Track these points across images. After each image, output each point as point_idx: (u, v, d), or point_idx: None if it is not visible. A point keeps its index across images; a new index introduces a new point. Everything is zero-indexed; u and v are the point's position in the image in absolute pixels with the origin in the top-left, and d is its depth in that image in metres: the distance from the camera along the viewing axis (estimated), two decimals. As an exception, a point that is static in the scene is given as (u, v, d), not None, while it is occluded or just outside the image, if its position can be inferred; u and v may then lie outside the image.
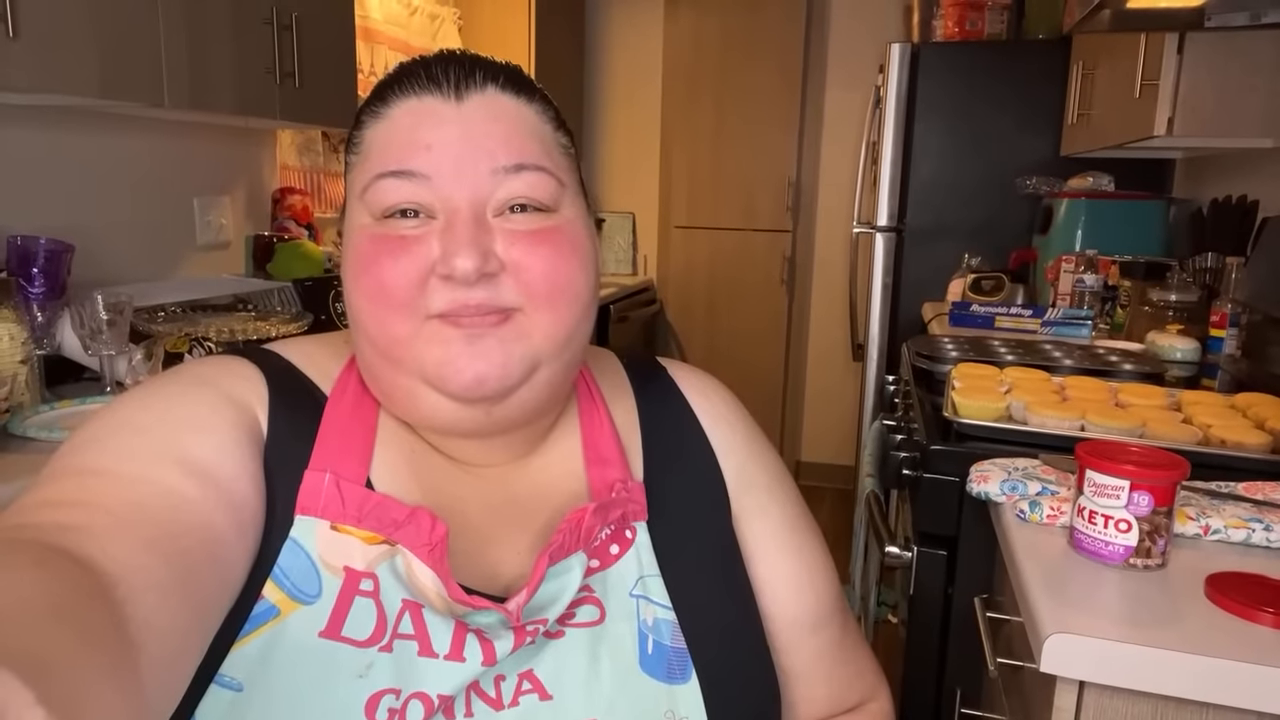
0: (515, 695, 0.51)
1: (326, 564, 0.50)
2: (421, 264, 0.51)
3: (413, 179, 0.52)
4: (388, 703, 0.47)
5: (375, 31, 2.72)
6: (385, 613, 0.49)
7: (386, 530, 0.51)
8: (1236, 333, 1.70)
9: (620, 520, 0.57)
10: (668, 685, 0.54)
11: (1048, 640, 0.66)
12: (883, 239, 2.81)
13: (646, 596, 0.56)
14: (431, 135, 0.52)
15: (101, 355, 1.40)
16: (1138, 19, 1.63)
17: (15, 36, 1.28)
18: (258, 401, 0.53)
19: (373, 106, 0.55)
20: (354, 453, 0.53)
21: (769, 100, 3.84)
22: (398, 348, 0.52)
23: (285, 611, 0.48)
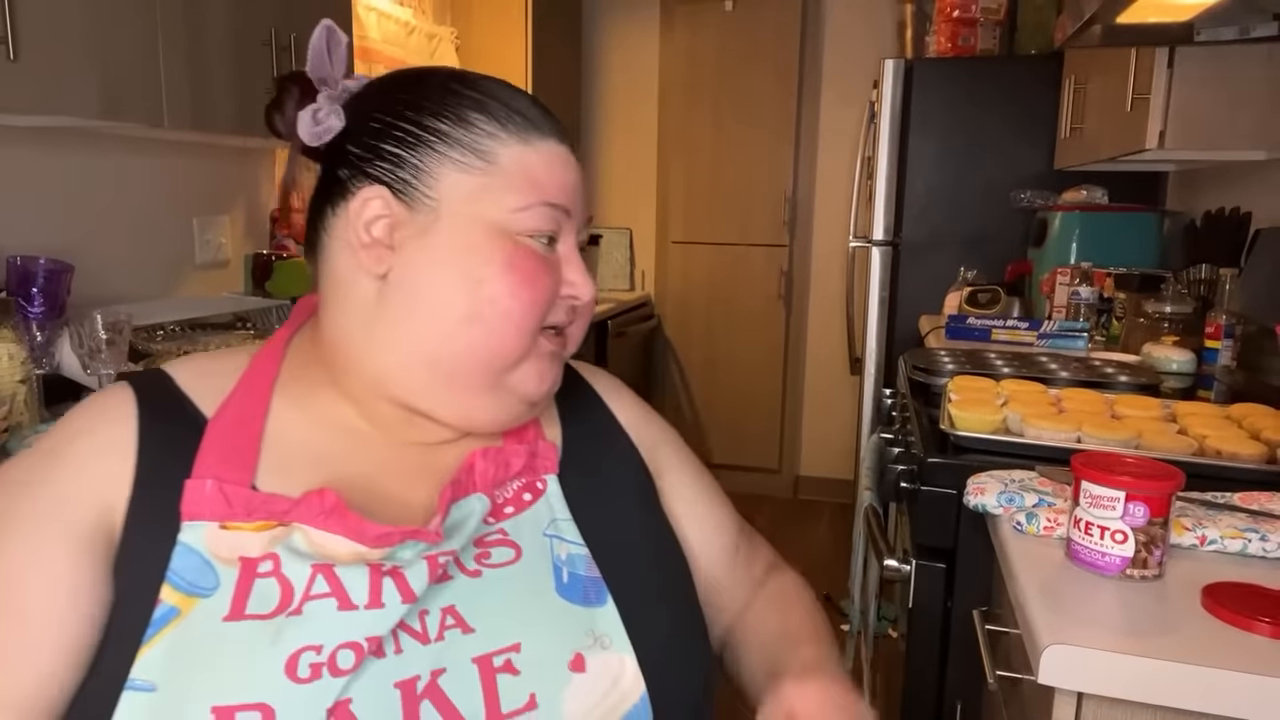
0: (440, 630, 0.55)
1: (220, 558, 0.53)
2: (558, 284, 0.62)
3: (560, 213, 0.62)
4: (309, 658, 0.50)
5: (373, 51, 2.74)
6: (292, 583, 0.53)
7: (276, 518, 0.55)
8: (1231, 344, 1.71)
9: (530, 473, 0.65)
10: (585, 608, 0.59)
11: (1045, 652, 0.66)
12: (879, 253, 2.82)
13: (559, 536, 0.62)
14: (570, 179, 0.63)
15: (101, 374, 1.40)
16: (1128, 34, 1.64)
17: (15, 58, 1.29)
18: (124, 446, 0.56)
19: (520, 132, 0.61)
20: (237, 460, 0.57)
21: (765, 115, 3.86)
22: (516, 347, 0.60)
23: (185, 609, 0.51)
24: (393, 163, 0.60)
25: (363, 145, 0.61)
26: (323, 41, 0.63)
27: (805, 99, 3.82)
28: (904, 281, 2.84)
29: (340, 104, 0.63)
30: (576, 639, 0.57)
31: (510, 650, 0.55)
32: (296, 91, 0.63)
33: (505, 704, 0.54)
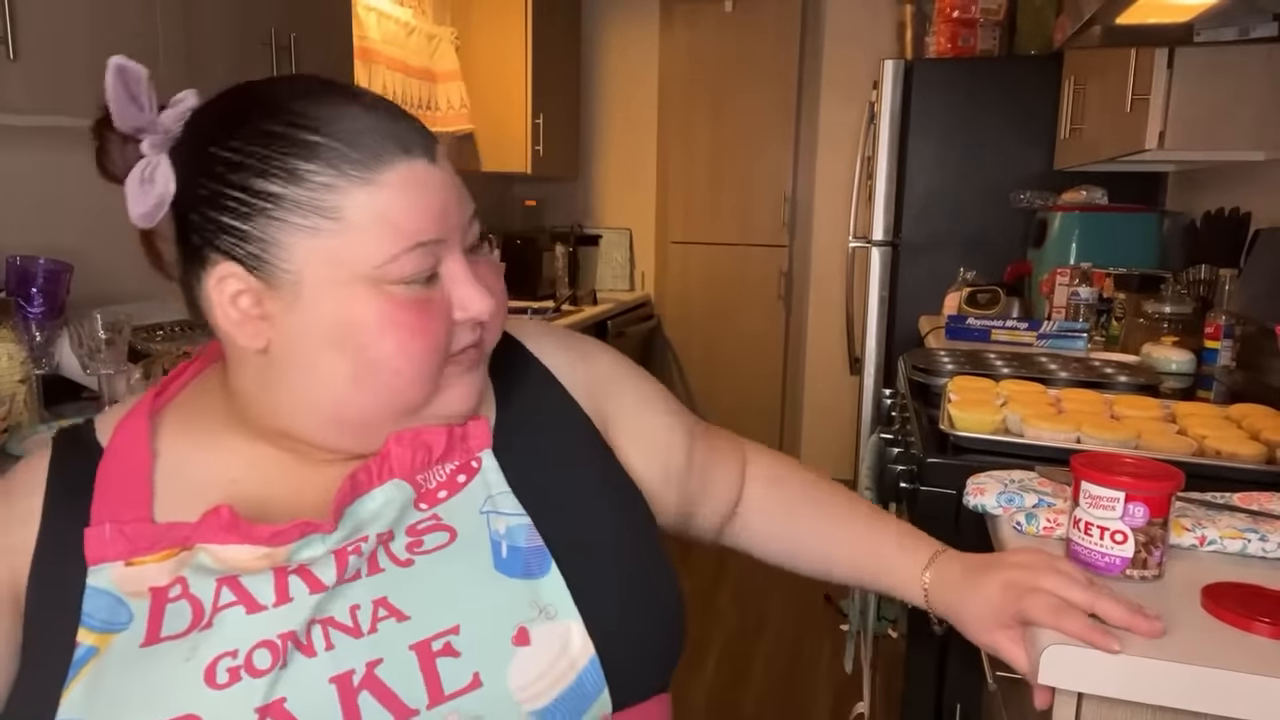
0: (373, 622, 0.54)
1: (129, 593, 0.54)
2: (448, 318, 0.58)
3: (433, 245, 0.56)
4: (226, 664, 0.51)
5: (373, 51, 2.74)
6: (200, 600, 0.54)
7: (180, 543, 0.55)
8: (1231, 344, 1.71)
9: (463, 454, 0.62)
10: (526, 580, 0.57)
11: (1045, 652, 0.66)
12: (879, 253, 2.83)
13: (496, 510, 0.60)
14: (436, 200, 0.57)
15: (100, 374, 1.40)
16: (1127, 35, 1.65)
17: (15, 58, 1.29)
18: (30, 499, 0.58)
19: (359, 167, 0.54)
20: (131, 499, 0.57)
21: (764, 116, 3.87)
22: (420, 394, 0.58)
23: (102, 647, 0.53)
24: (237, 236, 0.55)
25: (199, 214, 0.56)
26: (119, 87, 0.57)
27: (805, 99, 3.82)
28: (904, 282, 2.84)
29: (167, 151, 0.59)
30: (518, 612, 0.56)
31: (449, 633, 0.55)
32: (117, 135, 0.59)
33: (447, 686, 0.53)
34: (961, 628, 0.70)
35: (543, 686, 0.55)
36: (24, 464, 0.62)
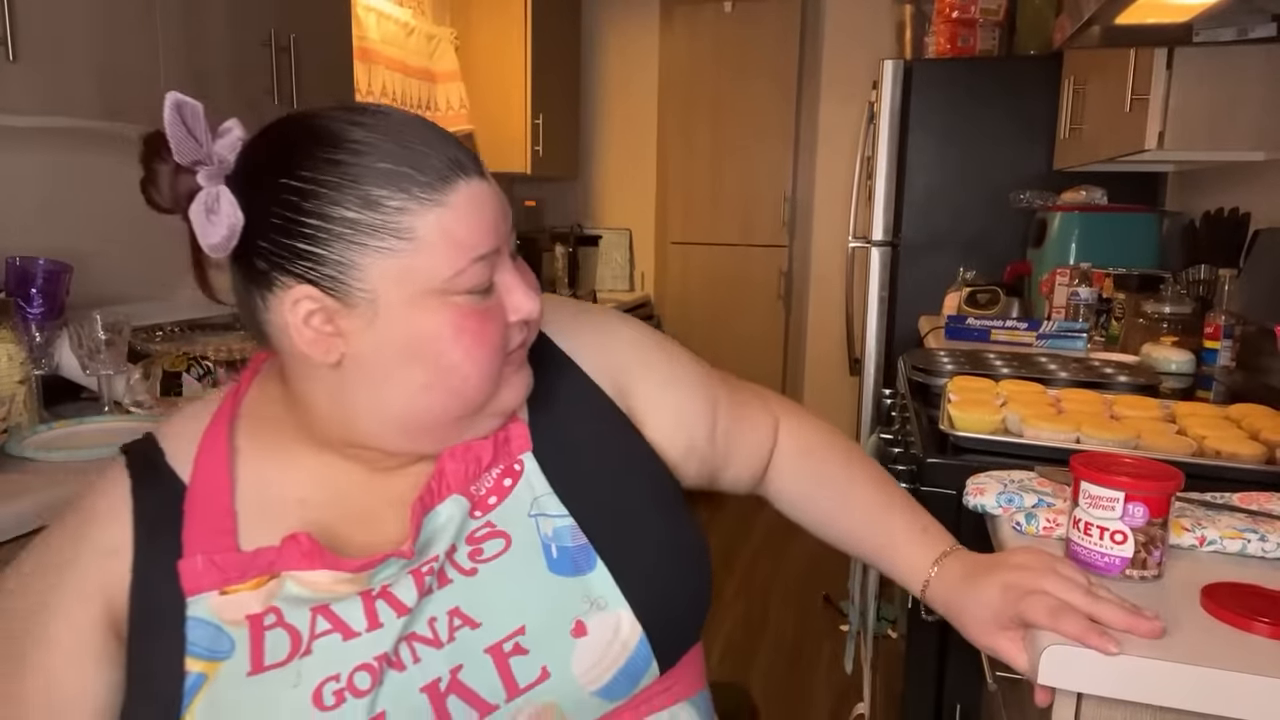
0: (450, 632, 0.59)
1: (228, 621, 0.58)
2: (505, 321, 0.62)
3: (491, 257, 0.61)
4: (331, 687, 0.56)
5: (373, 52, 2.74)
6: (298, 629, 0.58)
7: (266, 570, 0.59)
8: (1230, 344, 1.71)
9: (506, 457, 0.66)
10: (577, 578, 0.62)
11: (1045, 652, 0.66)
12: (878, 253, 2.83)
13: (543, 513, 0.64)
14: (489, 215, 0.60)
15: (100, 375, 1.40)
16: (1127, 35, 1.65)
17: (15, 59, 1.29)
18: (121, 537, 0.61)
19: (429, 192, 0.57)
20: (218, 528, 0.61)
21: (764, 116, 3.87)
22: (485, 394, 0.62)
23: (211, 674, 0.57)
24: (312, 260, 0.57)
25: (270, 240, 0.58)
26: (177, 122, 0.57)
27: (804, 100, 3.82)
28: (903, 282, 2.84)
29: (223, 181, 0.59)
30: (574, 607, 0.61)
31: (517, 634, 0.60)
32: (170, 163, 0.59)
33: (521, 680, 0.59)
34: (962, 629, 0.71)
35: (601, 669, 0.61)
36: (99, 494, 0.63)
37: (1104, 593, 0.68)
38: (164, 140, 0.58)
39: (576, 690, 0.61)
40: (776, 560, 3.15)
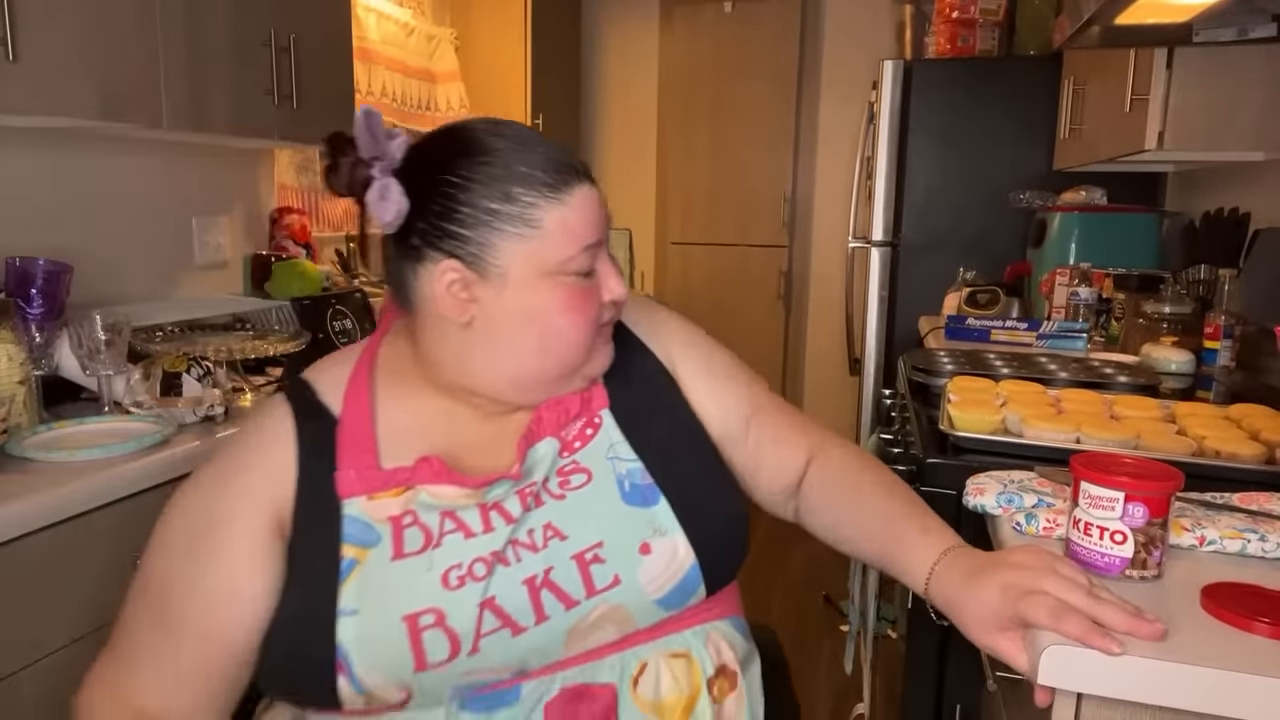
0: (545, 540, 0.75)
1: (375, 519, 0.73)
2: (600, 299, 0.79)
3: (595, 247, 0.78)
4: (455, 573, 0.72)
5: (373, 52, 2.74)
6: (429, 527, 0.73)
7: (404, 483, 0.75)
8: (1230, 344, 1.71)
9: (588, 412, 0.82)
10: (644, 509, 0.78)
11: (1045, 652, 0.66)
12: (878, 253, 2.83)
13: (617, 457, 0.80)
14: (594, 214, 0.78)
15: (100, 375, 1.40)
16: (1127, 35, 1.65)
17: (15, 59, 1.29)
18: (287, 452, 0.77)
19: (554, 193, 0.75)
20: (363, 450, 0.77)
21: (764, 116, 3.87)
22: (581, 358, 0.79)
23: (362, 558, 0.72)
24: (460, 240, 0.74)
25: (428, 223, 0.75)
26: (364, 127, 0.75)
27: (804, 100, 3.82)
28: (903, 282, 2.85)
29: (392, 173, 0.75)
30: (641, 532, 0.77)
31: (596, 547, 0.75)
32: (346, 158, 0.76)
33: (598, 584, 0.74)
34: (962, 628, 0.73)
35: (661, 582, 0.76)
36: (265, 426, 0.79)
37: (1104, 593, 0.68)
38: (344, 139, 0.76)
39: (641, 597, 0.75)
40: (777, 560, 3.15)
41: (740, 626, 0.84)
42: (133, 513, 1.23)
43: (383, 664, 0.69)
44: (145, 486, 1.24)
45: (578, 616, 0.73)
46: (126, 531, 1.22)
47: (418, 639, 0.70)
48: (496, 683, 0.73)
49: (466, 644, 0.70)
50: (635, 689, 0.75)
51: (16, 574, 1.07)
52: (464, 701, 0.72)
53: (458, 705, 0.72)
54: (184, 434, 1.35)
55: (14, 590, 1.07)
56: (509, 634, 0.72)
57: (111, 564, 1.20)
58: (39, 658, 1.10)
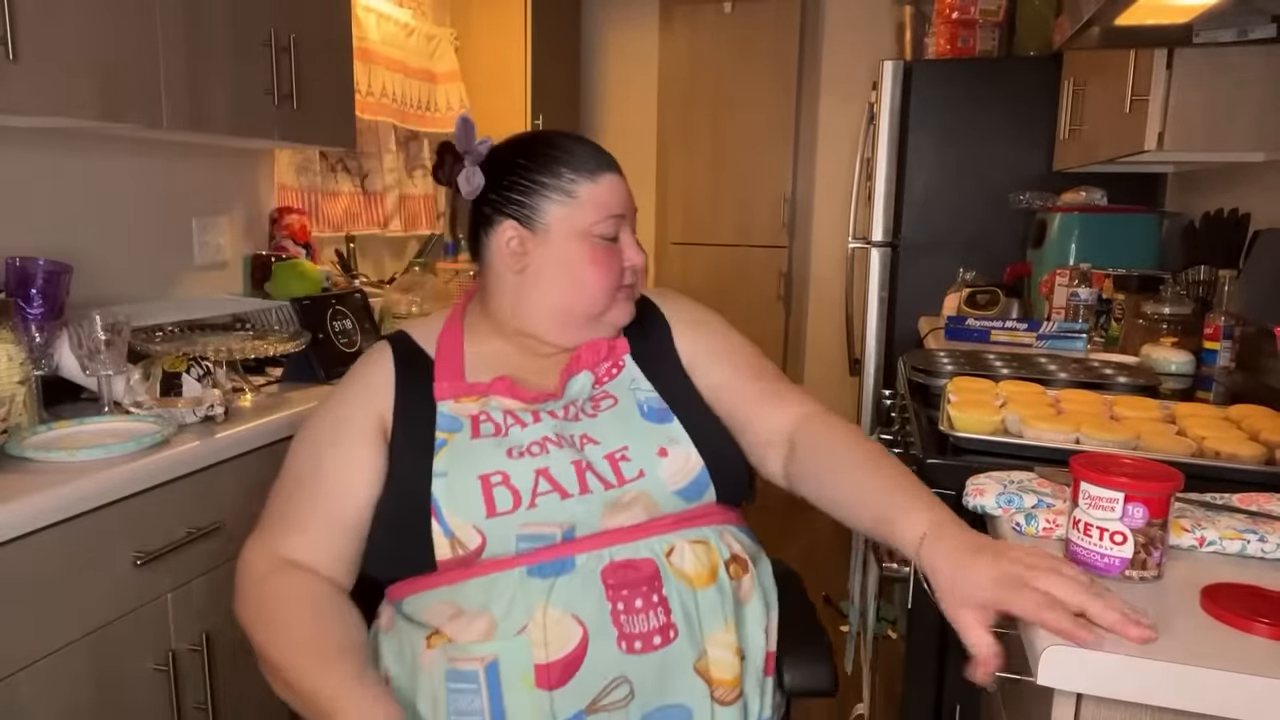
0: (581, 444, 0.96)
1: (459, 415, 0.98)
2: (621, 262, 1.04)
3: (618, 218, 1.04)
4: (517, 449, 0.95)
5: (373, 52, 2.74)
6: (498, 421, 0.97)
7: (481, 394, 1.00)
8: (1230, 345, 1.71)
9: (614, 355, 1.05)
10: (660, 425, 0.99)
11: (1044, 653, 0.66)
12: (878, 254, 2.83)
13: (638, 388, 1.03)
14: (621, 196, 1.05)
15: (99, 375, 1.40)
16: (1126, 36, 1.65)
17: (15, 59, 1.29)
18: (387, 376, 1.03)
19: (589, 174, 1.02)
20: (454, 371, 1.03)
21: (764, 117, 3.87)
22: (601, 308, 1.03)
23: (450, 439, 0.96)
24: (518, 205, 1.02)
25: (498, 194, 1.03)
26: (463, 130, 1.05)
27: (804, 100, 3.82)
28: (903, 283, 2.85)
29: (478, 164, 1.04)
30: (659, 440, 0.97)
31: (622, 449, 0.96)
32: (450, 156, 1.05)
33: (627, 475, 0.95)
34: (940, 593, 0.76)
35: (679, 478, 0.96)
36: (372, 359, 1.05)
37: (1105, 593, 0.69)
38: (449, 145, 1.05)
39: (663, 487, 0.95)
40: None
41: (750, 534, 1.03)
42: (133, 513, 1.23)
43: (464, 510, 0.91)
44: (145, 486, 1.24)
45: (614, 495, 0.93)
46: (126, 531, 1.22)
47: (489, 492, 0.91)
48: (552, 547, 0.91)
49: (525, 499, 0.91)
50: (669, 561, 0.92)
51: (17, 574, 1.07)
52: (531, 569, 0.89)
53: (527, 571, 0.89)
54: (184, 434, 1.35)
55: (14, 590, 1.07)
56: (558, 497, 0.92)
57: (111, 564, 1.20)
58: (39, 658, 1.10)
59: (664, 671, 0.88)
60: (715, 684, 0.90)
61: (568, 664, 0.86)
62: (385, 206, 2.93)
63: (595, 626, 0.87)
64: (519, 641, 0.86)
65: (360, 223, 2.83)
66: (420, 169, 3.15)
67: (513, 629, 0.87)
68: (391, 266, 3.04)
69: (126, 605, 1.23)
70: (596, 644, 0.87)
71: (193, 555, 1.34)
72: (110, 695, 1.21)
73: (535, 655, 0.86)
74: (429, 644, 0.90)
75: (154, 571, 1.27)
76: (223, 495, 1.39)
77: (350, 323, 1.94)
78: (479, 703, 0.86)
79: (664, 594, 0.89)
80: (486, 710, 0.86)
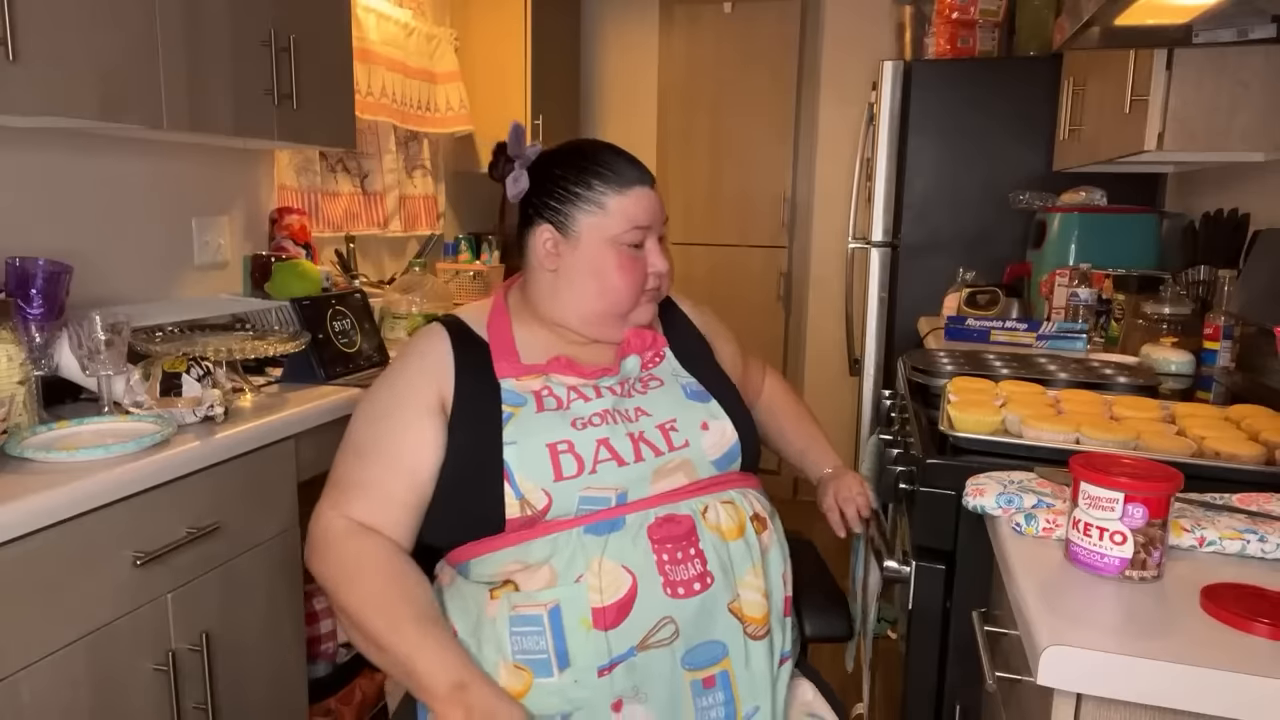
0: (636, 415, 1.08)
1: (522, 391, 1.07)
2: (646, 269, 1.14)
3: (644, 229, 1.13)
4: (579, 420, 1.05)
5: (372, 53, 2.74)
6: (559, 396, 1.07)
7: (540, 372, 1.09)
8: (1230, 345, 1.71)
9: (656, 346, 1.17)
10: (702, 404, 1.12)
11: (1044, 653, 0.67)
12: (878, 254, 2.83)
13: (679, 374, 1.16)
14: (648, 207, 1.14)
15: (99, 375, 1.40)
16: (1126, 36, 1.65)
17: (15, 60, 1.29)
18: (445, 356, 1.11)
19: (618, 186, 1.12)
20: (509, 352, 1.12)
21: (764, 117, 3.87)
22: (625, 311, 1.14)
23: (516, 412, 1.05)
24: (553, 211, 1.13)
25: (539, 199, 1.14)
26: (515, 136, 1.15)
27: (804, 100, 3.82)
28: (903, 283, 2.85)
29: (526, 168, 1.15)
30: (701, 415, 1.10)
31: (670, 421, 1.08)
32: (503, 157, 1.16)
33: (675, 444, 1.07)
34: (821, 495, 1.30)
35: (717, 449, 1.10)
36: (430, 337, 1.13)
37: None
38: (503, 145, 1.15)
39: (703, 456, 1.08)
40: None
41: (766, 496, 1.17)
42: (133, 513, 1.23)
43: (534, 475, 1.00)
44: (145, 486, 1.24)
45: (661, 462, 1.05)
46: (126, 531, 1.22)
47: (556, 458, 1.01)
48: (606, 510, 1.01)
49: (588, 465, 1.02)
50: (704, 518, 1.04)
51: (16, 574, 1.07)
52: (587, 528, 1.00)
53: (582, 530, 1.00)
54: (184, 434, 1.35)
55: (14, 590, 1.07)
56: (615, 465, 1.03)
57: (111, 564, 1.20)
58: (39, 658, 1.10)
59: (703, 612, 1.00)
60: (747, 621, 1.03)
61: (620, 607, 0.97)
62: (385, 207, 2.93)
63: (643, 575, 0.98)
64: (578, 588, 0.97)
65: (360, 223, 2.83)
66: (420, 169, 3.15)
67: (571, 578, 0.97)
68: (391, 266, 3.04)
69: (126, 605, 1.23)
70: (645, 590, 0.98)
71: (193, 555, 1.34)
72: (110, 695, 1.21)
73: (592, 600, 0.97)
74: (492, 596, 1.00)
75: (154, 571, 1.27)
76: (223, 495, 1.39)
77: (350, 323, 1.94)
78: (544, 642, 0.96)
79: (700, 547, 1.02)
80: (551, 649, 0.96)
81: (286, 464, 1.54)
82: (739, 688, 1.01)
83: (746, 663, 1.02)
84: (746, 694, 1.01)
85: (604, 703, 0.97)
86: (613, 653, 0.96)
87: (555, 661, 0.96)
